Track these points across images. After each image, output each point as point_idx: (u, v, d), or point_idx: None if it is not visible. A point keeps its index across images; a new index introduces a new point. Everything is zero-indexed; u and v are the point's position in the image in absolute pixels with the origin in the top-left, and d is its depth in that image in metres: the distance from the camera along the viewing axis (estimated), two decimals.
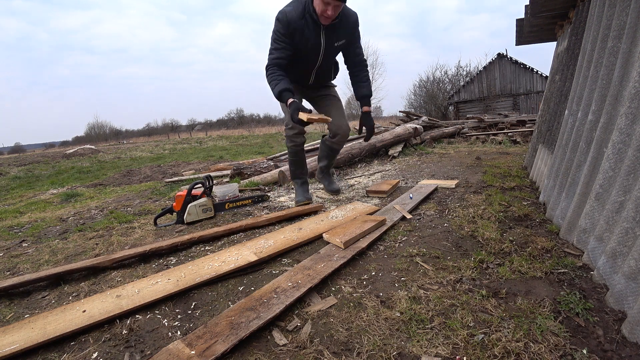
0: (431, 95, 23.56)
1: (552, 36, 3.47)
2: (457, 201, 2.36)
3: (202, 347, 0.98)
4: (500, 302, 1.16)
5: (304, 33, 2.17)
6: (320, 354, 0.97)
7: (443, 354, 0.93)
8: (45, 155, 15.36)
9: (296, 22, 2.14)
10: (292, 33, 2.16)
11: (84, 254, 1.91)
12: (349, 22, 2.28)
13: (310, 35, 2.20)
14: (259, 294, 1.25)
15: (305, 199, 2.57)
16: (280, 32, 2.17)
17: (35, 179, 6.49)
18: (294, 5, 2.18)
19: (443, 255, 1.53)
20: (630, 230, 1.09)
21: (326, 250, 1.62)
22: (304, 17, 2.15)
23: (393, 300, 1.20)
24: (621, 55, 1.37)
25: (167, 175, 5.44)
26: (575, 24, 2.38)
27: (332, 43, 2.28)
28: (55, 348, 1.09)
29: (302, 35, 2.18)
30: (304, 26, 2.16)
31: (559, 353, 0.91)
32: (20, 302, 1.42)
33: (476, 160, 4.16)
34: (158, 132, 53.33)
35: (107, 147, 19.32)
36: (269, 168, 4.10)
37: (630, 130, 1.22)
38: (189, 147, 13.20)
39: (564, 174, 1.82)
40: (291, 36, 2.17)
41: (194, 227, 2.27)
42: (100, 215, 2.90)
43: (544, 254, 1.48)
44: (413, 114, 8.04)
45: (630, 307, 1.01)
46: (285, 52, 2.20)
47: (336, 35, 2.27)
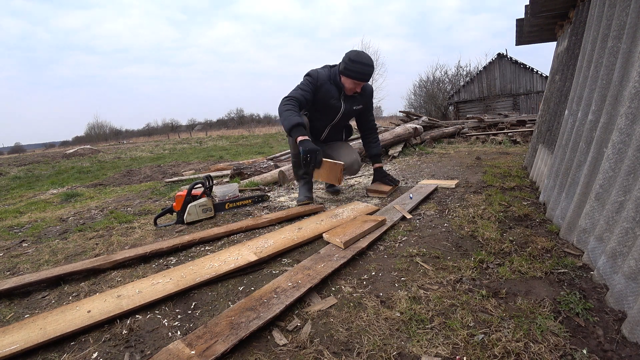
0: (431, 95, 23.57)
1: (552, 36, 3.47)
2: (457, 201, 2.36)
3: (202, 347, 0.98)
4: (500, 302, 1.16)
5: (329, 91, 2.48)
6: (320, 354, 0.97)
7: (443, 354, 0.93)
8: (45, 155, 15.36)
9: (324, 81, 2.47)
10: (319, 87, 2.46)
11: (84, 254, 1.91)
12: (366, 92, 2.65)
13: (334, 94, 2.51)
14: (259, 294, 1.25)
15: (305, 198, 2.57)
16: (308, 81, 2.45)
17: (35, 179, 6.49)
18: (324, 69, 2.54)
19: (443, 255, 1.53)
20: (630, 230, 1.09)
21: (326, 250, 1.62)
22: (330, 80, 2.49)
23: (393, 300, 1.20)
24: (621, 55, 1.37)
25: (167, 175, 5.44)
26: (575, 24, 2.38)
27: (351, 107, 2.60)
28: (55, 348, 1.08)
29: (327, 92, 2.47)
30: (329, 86, 2.49)
31: (559, 353, 0.91)
32: (20, 302, 1.42)
33: (476, 160, 4.16)
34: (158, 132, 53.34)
35: (107, 147, 19.32)
36: (269, 168, 4.10)
37: (630, 130, 1.22)
38: (189, 147, 13.20)
39: (564, 174, 1.82)
40: (316, 90, 2.46)
41: (194, 227, 2.27)
42: (100, 215, 2.90)
43: (544, 254, 1.48)
44: (413, 114, 8.03)
45: (630, 307, 1.01)
46: (307, 96, 2.41)
47: (355, 100, 2.61)
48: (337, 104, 2.54)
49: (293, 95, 2.36)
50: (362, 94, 2.63)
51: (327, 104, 2.52)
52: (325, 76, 2.48)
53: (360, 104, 2.65)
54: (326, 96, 2.48)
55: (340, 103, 2.55)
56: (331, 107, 2.54)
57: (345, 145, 2.82)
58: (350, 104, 2.60)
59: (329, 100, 2.50)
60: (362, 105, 2.66)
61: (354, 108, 2.63)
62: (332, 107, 2.54)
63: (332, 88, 2.49)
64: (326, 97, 2.49)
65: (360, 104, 2.65)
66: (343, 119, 2.67)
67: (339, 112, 2.59)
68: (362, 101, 2.66)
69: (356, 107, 2.63)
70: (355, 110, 2.66)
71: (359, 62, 2.35)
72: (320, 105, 2.52)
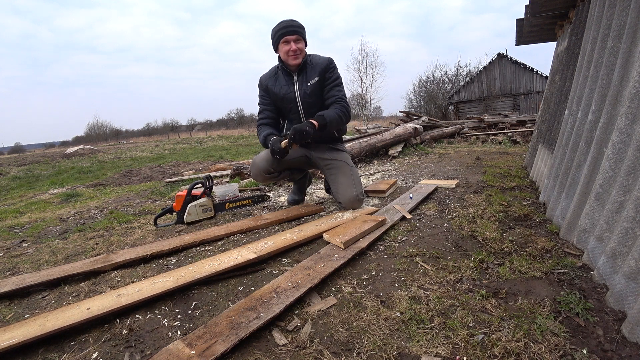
0: (431, 95, 23.57)
1: (552, 36, 3.47)
2: (457, 201, 2.36)
3: (202, 347, 0.98)
4: (500, 302, 1.16)
5: (275, 85, 2.34)
6: (320, 354, 0.97)
7: (443, 354, 0.93)
8: (45, 155, 15.36)
9: (267, 79, 2.37)
10: (267, 90, 2.37)
11: (84, 254, 1.91)
12: (319, 63, 2.31)
13: (283, 85, 2.33)
14: (259, 294, 1.25)
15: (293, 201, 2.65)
16: (260, 95, 2.43)
17: (35, 179, 6.49)
18: (269, 70, 2.43)
19: (443, 255, 1.53)
20: (630, 230, 1.09)
21: (326, 250, 1.61)
22: (276, 73, 2.36)
23: (393, 300, 1.20)
24: (621, 55, 1.37)
25: (167, 175, 5.44)
26: (575, 24, 2.38)
27: (305, 84, 2.30)
28: (55, 347, 1.08)
29: (274, 87, 2.34)
30: (276, 80, 2.35)
31: (559, 353, 0.91)
32: (20, 302, 1.42)
33: (476, 160, 4.16)
34: (158, 132, 53.33)
35: (107, 147, 19.32)
36: None
37: (630, 130, 1.22)
38: (189, 147, 13.20)
39: (564, 174, 1.82)
40: (267, 93, 2.39)
41: (194, 227, 2.27)
42: (100, 215, 2.89)
43: (544, 254, 1.48)
44: (413, 114, 8.04)
45: (630, 307, 1.01)
46: (268, 112, 2.41)
47: (308, 77, 2.30)
48: (288, 89, 2.30)
49: (260, 122, 2.42)
50: (314, 67, 2.30)
51: (284, 98, 2.32)
52: (269, 74, 2.38)
53: (315, 76, 2.30)
54: (277, 89, 2.32)
55: (292, 87, 2.30)
56: (287, 97, 2.31)
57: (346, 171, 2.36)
58: (304, 83, 2.29)
59: (279, 93, 2.32)
60: (317, 77, 2.29)
61: (309, 84, 2.28)
62: (285, 98, 2.32)
63: (279, 77, 2.33)
64: (278, 91, 2.32)
65: (315, 76, 2.30)
66: (308, 104, 2.32)
67: (296, 98, 2.31)
68: (316, 74, 2.29)
69: (311, 81, 2.28)
70: (313, 86, 2.28)
71: (277, 25, 2.22)
72: (279, 104, 2.38)
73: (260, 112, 2.44)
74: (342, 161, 2.39)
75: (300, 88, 2.30)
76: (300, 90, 2.30)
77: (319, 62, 2.32)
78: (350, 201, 2.29)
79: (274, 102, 2.39)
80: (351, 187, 2.29)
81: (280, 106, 2.40)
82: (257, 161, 2.40)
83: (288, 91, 2.31)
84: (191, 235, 1.98)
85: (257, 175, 2.43)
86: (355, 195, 2.28)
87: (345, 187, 2.30)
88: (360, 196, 2.31)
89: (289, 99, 2.32)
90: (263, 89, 2.39)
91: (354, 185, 2.30)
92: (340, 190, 2.31)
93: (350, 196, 2.27)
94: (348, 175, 2.34)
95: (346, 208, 2.32)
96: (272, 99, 2.39)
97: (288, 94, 2.31)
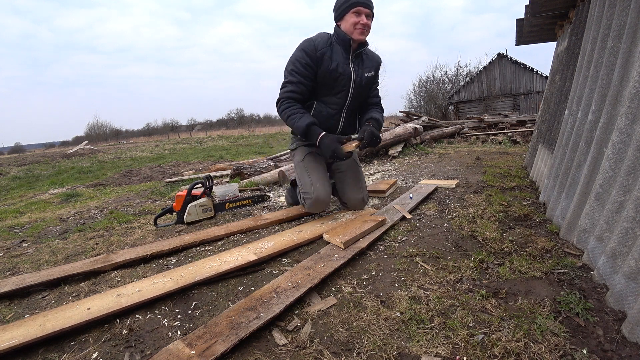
0: (431, 95, 23.55)
1: (552, 36, 3.47)
2: (457, 201, 2.36)
3: (202, 347, 0.98)
4: (500, 302, 1.16)
5: (332, 58, 1.97)
6: (320, 354, 0.97)
7: (443, 354, 0.93)
8: (45, 155, 15.36)
9: (323, 47, 1.96)
10: (319, 59, 1.95)
11: (84, 254, 1.91)
12: (374, 58, 2.17)
13: (341, 61, 1.98)
14: (259, 294, 1.25)
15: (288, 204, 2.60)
16: (301, 62, 1.94)
17: (35, 179, 6.48)
18: (318, 35, 2.03)
19: (443, 255, 1.53)
20: (630, 230, 1.09)
21: (326, 250, 1.61)
22: (331, 44, 1.99)
23: (393, 300, 1.20)
24: (621, 55, 1.37)
25: (167, 175, 5.44)
26: (575, 24, 2.38)
27: (362, 72, 2.07)
28: (55, 348, 1.08)
29: (330, 61, 1.96)
30: (332, 52, 1.98)
31: (559, 353, 0.91)
32: (20, 302, 1.42)
33: (476, 160, 4.16)
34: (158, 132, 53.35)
35: (107, 147, 19.32)
36: (269, 168, 4.10)
37: (630, 130, 1.22)
38: (189, 147, 13.20)
39: (564, 174, 1.82)
40: (316, 64, 1.95)
41: (194, 227, 2.27)
42: (100, 215, 2.89)
43: (544, 254, 1.48)
44: (413, 114, 8.04)
45: (630, 307, 1.01)
46: (301, 87, 1.97)
47: (364, 65, 2.09)
48: (346, 69, 1.99)
49: (286, 96, 1.98)
50: (370, 58, 2.14)
51: (335, 75, 1.97)
52: (324, 41, 1.97)
53: (371, 69, 2.13)
54: (331, 64, 1.96)
55: (349, 67, 2.01)
56: (340, 76, 1.99)
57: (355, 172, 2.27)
58: (361, 69, 2.07)
59: (336, 68, 1.96)
60: (373, 71, 2.13)
61: (366, 75, 2.09)
62: (341, 75, 1.99)
63: (337, 50, 1.98)
64: (332, 65, 1.96)
65: (372, 70, 2.13)
66: (357, 93, 2.09)
67: (351, 82, 2.03)
68: (373, 66, 2.14)
69: (368, 74, 2.10)
70: (367, 79, 2.11)
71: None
72: (326, 80, 1.99)
73: (290, 82, 1.97)
74: (352, 159, 2.30)
75: (357, 73, 2.04)
76: (356, 76, 2.04)
77: (374, 56, 2.17)
78: (357, 205, 2.25)
79: (316, 75, 1.99)
80: (359, 190, 2.24)
81: (324, 83, 2.01)
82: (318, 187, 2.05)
83: (345, 71, 1.99)
84: (191, 235, 1.98)
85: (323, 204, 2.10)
86: (361, 198, 2.24)
87: (353, 190, 2.23)
88: (365, 199, 2.28)
89: (343, 80, 2.01)
90: (312, 56, 1.94)
91: (361, 188, 2.26)
92: (347, 192, 2.24)
93: (357, 200, 2.23)
94: (356, 177, 2.27)
95: (349, 209, 2.29)
96: (316, 71, 1.97)
97: (344, 74, 1.99)
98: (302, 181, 2.11)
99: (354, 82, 2.04)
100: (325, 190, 2.08)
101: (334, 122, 2.12)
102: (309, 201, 2.07)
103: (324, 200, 2.07)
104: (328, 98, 2.06)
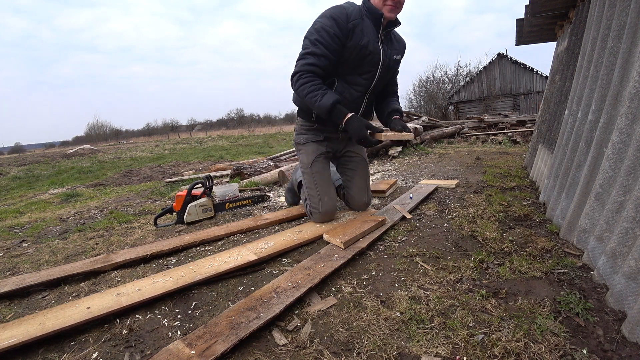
0: (431, 95, 23.55)
1: (552, 36, 3.47)
2: (457, 201, 2.36)
3: (202, 347, 0.98)
4: (500, 302, 1.16)
5: (364, 32, 1.74)
6: (320, 354, 0.97)
7: (443, 354, 0.93)
8: (45, 155, 15.36)
9: (356, 17, 1.73)
10: (351, 30, 1.71)
11: (84, 254, 1.91)
12: (402, 41, 2.01)
13: (371, 36, 1.77)
14: (259, 294, 1.25)
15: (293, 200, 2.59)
16: (329, 32, 1.69)
17: (35, 179, 6.49)
18: (348, 2, 1.80)
19: (443, 255, 1.53)
20: (630, 230, 1.09)
21: (326, 250, 1.62)
22: (362, 16, 1.76)
23: (393, 300, 1.20)
24: (621, 55, 1.37)
25: (167, 175, 5.44)
26: (575, 24, 2.38)
27: (391, 55, 1.90)
28: (55, 347, 1.08)
29: (361, 35, 1.74)
30: (364, 26, 1.75)
31: (559, 353, 0.91)
32: (20, 302, 1.42)
33: (476, 160, 4.16)
34: (158, 132, 53.37)
35: (107, 147, 19.32)
36: (269, 168, 4.10)
37: (630, 130, 1.22)
38: (189, 147, 13.20)
39: (564, 174, 1.82)
40: (346, 37, 1.72)
41: (194, 227, 2.27)
42: (100, 215, 2.89)
43: (544, 254, 1.48)
44: (413, 114, 8.04)
45: (630, 307, 1.01)
46: (324, 62, 1.73)
47: (393, 46, 1.92)
48: (376, 47, 1.79)
49: (306, 69, 1.72)
50: (399, 40, 1.98)
51: (365, 52, 1.77)
52: (353, 10, 1.74)
53: (399, 53, 1.96)
54: (362, 38, 1.74)
55: (379, 47, 1.81)
56: (370, 55, 1.79)
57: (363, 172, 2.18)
58: (390, 50, 1.88)
59: (367, 45, 1.75)
60: (400, 55, 1.97)
61: (395, 57, 1.91)
62: (371, 55, 1.79)
63: (367, 24, 1.76)
64: (363, 41, 1.74)
65: (399, 54, 1.96)
66: (383, 75, 1.91)
67: (379, 64, 1.84)
68: (401, 49, 1.98)
69: (396, 56, 1.93)
70: (396, 62, 1.94)
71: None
72: (354, 57, 1.78)
73: (313, 53, 1.71)
74: (362, 157, 2.22)
75: (386, 54, 1.86)
76: (385, 57, 1.86)
77: (401, 39, 2.00)
78: (361, 206, 2.22)
79: (343, 50, 1.75)
80: (365, 193, 2.20)
81: (350, 60, 1.79)
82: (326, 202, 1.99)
83: (376, 49, 1.80)
84: (191, 235, 1.98)
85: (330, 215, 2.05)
86: (366, 201, 2.21)
87: (360, 192, 2.18)
88: (370, 201, 2.25)
89: (373, 60, 1.82)
90: (342, 26, 1.70)
91: (367, 190, 2.22)
92: (353, 193, 2.18)
93: (362, 202, 2.20)
94: (365, 178, 2.20)
95: (352, 209, 2.26)
96: (344, 45, 1.74)
97: (375, 52, 1.80)
98: (310, 193, 2.05)
99: (382, 64, 1.85)
100: (333, 204, 2.04)
101: (355, 106, 1.93)
102: (317, 215, 2.02)
103: (331, 213, 2.05)
104: (352, 77, 1.86)
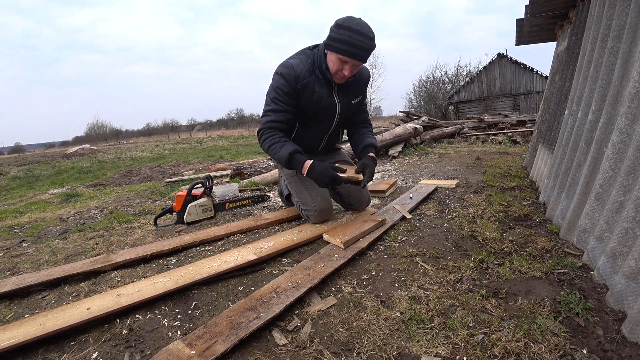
0: (431, 95, 23.56)
1: (552, 36, 3.47)
2: (457, 201, 2.36)
3: (202, 347, 0.98)
4: (500, 302, 1.16)
5: (314, 90, 1.82)
6: (320, 354, 0.97)
7: (443, 354, 0.93)
8: (45, 155, 15.36)
9: (305, 76, 1.79)
10: (300, 91, 1.80)
11: (84, 254, 1.91)
12: (362, 77, 1.98)
13: (325, 94, 1.85)
14: (259, 294, 1.25)
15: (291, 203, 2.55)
16: (282, 91, 1.78)
17: (35, 179, 6.49)
18: (299, 58, 1.83)
19: (443, 255, 1.53)
20: (630, 230, 1.09)
21: (326, 250, 1.62)
22: (313, 72, 1.82)
23: (393, 300, 1.20)
24: (621, 55, 1.37)
25: (167, 175, 5.44)
26: (575, 24, 2.38)
27: (349, 101, 1.96)
28: (55, 347, 1.08)
29: (312, 93, 1.82)
30: (315, 82, 1.82)
31: (559, 353, 0.91)
32: (20, 302, 1.42)
33: (476, 160, 4.16)
34: (158, 132, 53.38)
35: (107, 147, 19.31)
36: (269, 168, 4.10)
37: (630, 130, 1.22)
38: (189, 147, 13.20)
39: (564, 174, 1.82)
40: (298, 95, 1.81)
41: (194, 227, 2.27)
42: (100, 215, 2.89)
43: (544, 254, 1.48)
44: (413, 114, 8.04)
45: (630, 307, 1.01)
46: (286, 116, 1.83)
47: (351, 92, 1.95)
48: (330, 102, 1.88)
49: (269, 126, 1.83)
50: (358, 80, 1.95)
51: (318, 108, 1.87)
52: (305, 69, 1.79)
53: (359, 94, 1.99)
54: (313, 96, 1.82)
55: (334, 99, 1.89)
56: (324, 109, 1.89)
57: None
58: (347, 98, 1.94)
59: (319, 101, 1.84)
60: (360, 96, 2.01)
61: (352, 102, 1.98)
62: (324, 109, 1.89)
63: (319, 81, 1.82)
64: (314, 98, 1.83)
65: (360, 95, 2.00)
66: (343, 119, 2.03)
67: (336, 114, 1.94)
68: (360, 90, 1.99)
69: (354, 100, 1.98)
70: (354, 106, 2.01)
71: (348, 29, 1.63)
72: (308, 110, 1.88)
73: (273, 110, 1.82)
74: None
75: (342, 102, 1.93)
76: (341, 106, 1.94)
77: (362, 75, 1.98)
78: (361, 205, 2.22)
79: (298, 104, 1.86)
80: (365, 192, 2.21)
81: (308, 112, 1.90)
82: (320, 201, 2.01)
83: (330, 103, 1.89)
84: (191, 235, 1.98)
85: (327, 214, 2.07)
86: (367, 199, 2.22)
87: (358, 191, 2.18)
88: (369, 201, 2.27)
89: (328, 111, 1.91)
90: (293, 85, 1.77)
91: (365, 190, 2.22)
92: (356, 194, 2.19)
93: (363, 201, 2.20)
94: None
95: (352, 210, 2.26)
96: (298, 101, 1.84)
97: (329, 106, 1.89)
98: (301, 197, 2.05)
99: (340, 113, 1.96)
100: (327, 202, 2.05)
101: (315, 143, 2.10)
102: (313, 216, 2.02)
103: (327, 211, 2.05)
104: (311, 123, 1.98)
